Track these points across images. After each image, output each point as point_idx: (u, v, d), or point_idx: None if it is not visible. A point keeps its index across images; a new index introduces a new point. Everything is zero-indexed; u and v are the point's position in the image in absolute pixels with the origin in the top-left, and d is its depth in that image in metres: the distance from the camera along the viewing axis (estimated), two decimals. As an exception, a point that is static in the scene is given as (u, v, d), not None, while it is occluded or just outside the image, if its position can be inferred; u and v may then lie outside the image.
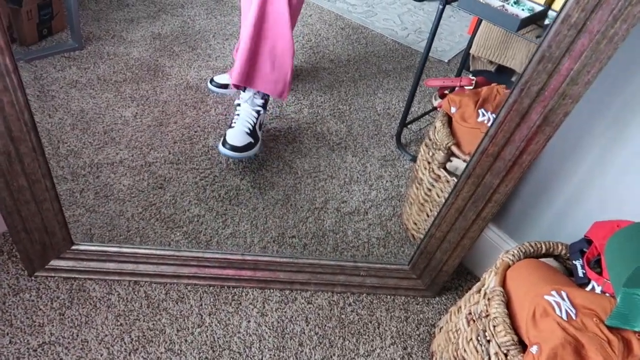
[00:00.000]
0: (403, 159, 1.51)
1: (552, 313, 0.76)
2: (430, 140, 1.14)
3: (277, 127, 1.51)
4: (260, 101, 1.33)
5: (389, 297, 1.12)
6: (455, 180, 1.06)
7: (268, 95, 1.34)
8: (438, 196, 1.11)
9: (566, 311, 0.77)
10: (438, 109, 1.49)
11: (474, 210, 0.91)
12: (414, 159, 1.50)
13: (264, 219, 1.22)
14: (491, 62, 1.53)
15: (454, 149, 1.05)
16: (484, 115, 1.06)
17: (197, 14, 2.03)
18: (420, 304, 1.13)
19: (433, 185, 1.12)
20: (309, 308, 1.07)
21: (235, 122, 1.31)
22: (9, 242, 1.04)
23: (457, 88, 1.51)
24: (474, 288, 0.93)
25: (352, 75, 1.87)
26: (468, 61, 1.62)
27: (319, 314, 1.06)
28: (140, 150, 1.33)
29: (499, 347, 0.79)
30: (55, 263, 0.98)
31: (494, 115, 1.07)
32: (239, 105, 1.33)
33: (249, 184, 1.30)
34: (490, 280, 0.87)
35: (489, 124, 1.05)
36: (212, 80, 1.65)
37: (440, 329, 1.03)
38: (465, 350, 0.88)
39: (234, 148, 1.25)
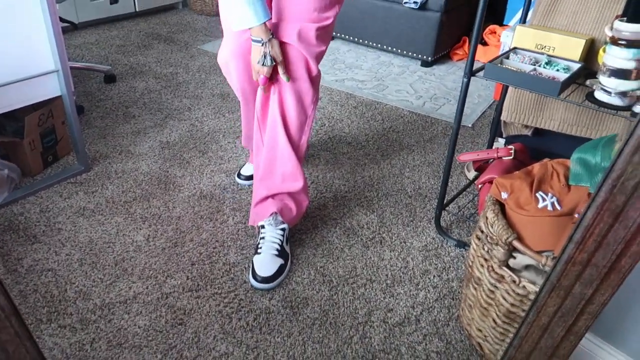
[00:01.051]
0: (447, 245, 1.34)
1: None
2: (482, 232, 0.98)
3: (302, 229, 1.37)
4: (280, 220, 1.23)
5: None
6: (524, 280, 0.89)
7: None
8: (505, 299, 0.93)
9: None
10: (476, 186, 1.34)
11: (562, 326, 0.73)
12: (459, 245, 1.34)
13: (302, 347, 1.04)
14: (526, 126, 1.40)
15: (516, 244, 0.88)
16: (544, 200, 0.90)
17: (204, 114, 1.97)
18: None
19: (496, 287, 0.94)
20: None
21: (261, 248, 1.21)
22: None
23: (494, 160, 1.37)
24: None
25: (373, 156, 1.75)
26: (499, 128, 1.49)
27: None
28: (156, 279, 1.19)
29: None
30: None
31: (555, 199, 0.91)
32: (262, 227, 1.23)
33: (280, 304, 1.14)
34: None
35: (552, 209, 0.89)
36: (239, 175, 1.57)
37: None
38: None
39: (265, 280, 1.16)
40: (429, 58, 2.52)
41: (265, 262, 1.18)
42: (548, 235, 0.88)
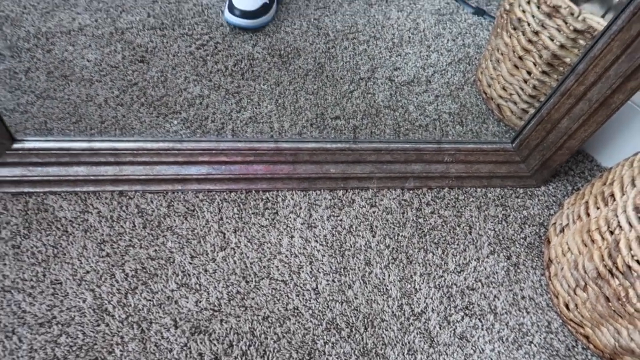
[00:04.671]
0: (463, 12, 1.13)
1: None
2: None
3: (292, -23, 1.11)
4: None
5: (478, 190, 0.81)
6: (586, 12, 0.70)
7: None
8: (552, 40, 0.75)
9: None
10: None
11: (617, 77, 0.57)
12: (478, 12, 1.13)
13: (294, 96, 0.87)
14: None
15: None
16: None
17: None
18: (522, 197, 0.82)
19: (543, 26, 0.76)
20: (374, 212, 0.76)
21: None
22: None
23: None
24: (608, 177, 0.61)
25: None
26: None
27: (387, 220, 0.75)
28: (107, 13, 0.94)
29: None
30: (-5, 172, 0.65)
31: None
32: None
33: (266, 52, 0.93)
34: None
35: None
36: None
37: (562, 229, 0.73)
38: (619, 253, 0.58)
39: (245, 14, 0.91)
40: None
41: None
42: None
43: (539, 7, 0.75)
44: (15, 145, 0.63)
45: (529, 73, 0.81)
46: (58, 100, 0.79)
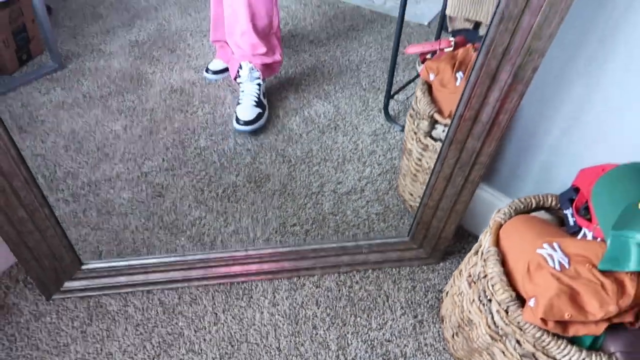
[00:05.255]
0: (393, 130, 1.52)
1: (546, 265, 0.79)
2: (413, 110, 1.15)
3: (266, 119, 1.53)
4: (257, 73, 1.47)
5: (394, 269, 1.15)
6: (442, 147, 1.07)
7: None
8: (428, 165, 1.12)
9: (559, 262, 0.79)
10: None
11: (461, 175, 0.93)
12: (404, 130, 1.51)
13: (264, 212, 1.24)
14: (468, 20, 1.52)
15: (437, 116, 1.06)
16: (462, 78, 1.07)
17: (171, 14, 2.02)
18: (426, 272, 1.16)
19: (422, 155, 1.13)
20: (318, 292, 1.10)
21: (242, 99, 1.45)
22: (23, 271, 1.08)
23: (437, 51, 1.50)
24: (472, 250, 0.95)
25: (333, 53, 1.87)
26: (446, 22, 1.61)
27: (328, 296, 1.10)
28: (135, 161, 1.35)
29: (499, 304, 0.82)
30: (69, 285, 1.02)
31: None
32: (240, 83, 1.48)
33: (245, 179, 1.32)
34: (485, 241, 0.89)
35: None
36: (207, 70, 1.68)
37: (446, 294, 1.06)
38: (469, 312, 0.91)
39: (247, 123, 1.41)
40: (393, -44, 2.53)
41: (246, 110, 1.43)
42: (462, 109, 1.05)
43: (417, 143, 1.13)
44: (83, 267, 1.01)
45: (422, 185, 1.17)
46: (105, 230, 1.18)
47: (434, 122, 1.08)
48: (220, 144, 1.43)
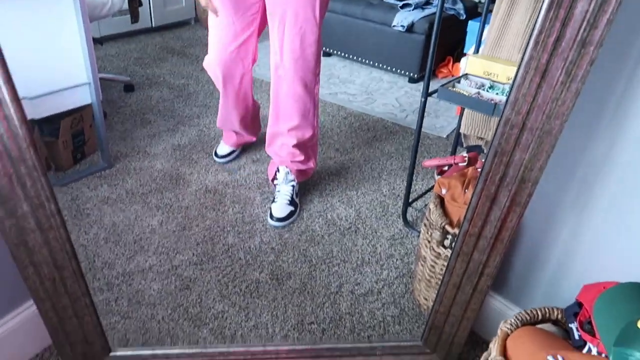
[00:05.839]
0: (411, 236, 1.60)
1: (551, 378, 0.81)
2: (427, 220, 1.24)
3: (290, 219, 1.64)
4: (292, 177, 1.63)
5: (407, 374, 1.16)
6: (453, 255, 1.15)
7: None
8: (441, 271, 1.18)
9: (563, 374, 0.82)
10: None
11: (470, 284, 0.99)
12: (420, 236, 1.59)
13: (284, 309, 1.30)
14: (480, 138, 1.66)
15: (448, 228, 1.14)
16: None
17: (211, 122, 2.24)
18: (439, 379, 1.17)
19: (435, 262, 1.20)
20: (332, 393, 1.12)
21: (277, 199, 1.61)
22: (54, 355, 1.15)
23: (452, 165, 1.62)
24: (482, 359, 0.98)
25: (357, 161, 2.01)
26: (461, 139, 1.75)
27: (341, 398, 1.11)
28: (167, 255, 1.46)
29: (507, 415, 0.84)
30: (95, 371, 1.08)
31: (480, 193, 1.17)
32: (277, 184, 1.64)
33: (268, 276, 1.40)
34: (493, 350, 0.93)
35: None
36: (216, 154, 1.93)
37: (458, 403, 1.07)
38: (480, 422, 0.92)
39: (280, 219, 1.58)
40: (415, 75, 2.79)
41: (280, 208, 1.60)
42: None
43: (430, 251, 1.20)
44: (111, 354, 1.07)
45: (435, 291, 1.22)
46: (133, 319, 1.25)
47: (445, 233, 1.17)
48: (247, 241, 1.53)
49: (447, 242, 1.17)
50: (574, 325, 0.92)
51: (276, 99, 1.56)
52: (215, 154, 1.94)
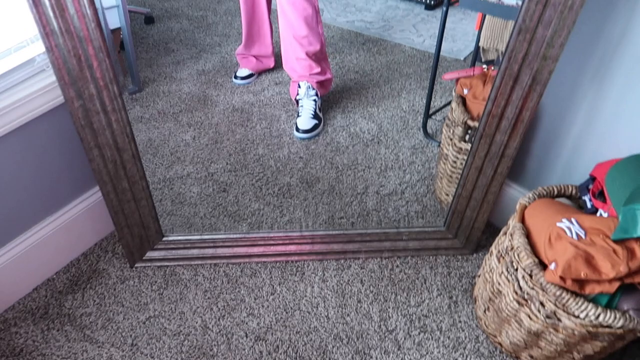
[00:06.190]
0: (432, 146, 1.68)
1: (565, 236, 0.91)
2: (449, 119, 1.31)
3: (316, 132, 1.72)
4: (313, 91, 1.71)
5: (431, 257, 1.28)
6: (475, 147, 1.23)
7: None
8: (462, 166, 1.27)
9: (576, 233, 0.91)
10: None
11: (491, 167, 1.08)
12: (440, 145, 1.67)
13: (315, 207, 1.41)
14: (498, 52, 1.70)
15: (470, 122, 1.22)
16: (491, 89, 1.23)
17: (232, 49, 2.29)
18: (460, 261, 1.28)
19: (457, 157, 1.28)
20: (363, 272, 1.24)
21: (301, 113, 1.69)
22: (111, 243, 1.27)
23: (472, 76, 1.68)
24: (501, 232, 1.08)
25: (376, 81, 2.07)
26: (479, 54, 1.79)
27: (371, 276, 1.23)
28: (203, 164, 1.56)
29: (524, 270, 0.94)
30: (150, 254, 1.20)
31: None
32: (300, 99, 1.72)
33: (298, 181, 1.50)
34: (511, 220, 1.03)
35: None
36: (235, 77, 2.01)
37: (478, 276, 1.18)
38: (499, 283, 1.03)
39: (305, 131, 1.65)
40: (432, 1, 2.78)
41: (305, 121, 1.66)
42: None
43: (452, 147, 1.28)
44: (164, 239, 1.19)
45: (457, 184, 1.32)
46: (178, 216, 1.37)
47: (467, 129, 1.24)
48: (276, 152, 1.62)
49: (467, 138, 1.25)
50: (587, 197, 1.01)
51: (282, 9, 1.64)
52: (235, 76, 2.01)
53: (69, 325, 1.13)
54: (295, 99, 1.77)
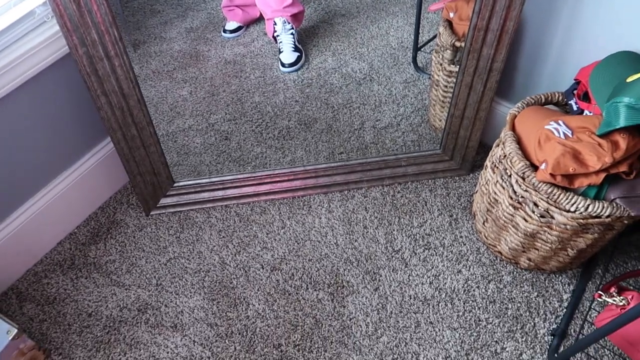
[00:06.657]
0: (423, 78, 1.71)
1: (553, 137, 0.96)
2: (438, 45, 1.34)
3: (309, 77, 1.75)
4: (289, 25, 1.75)
5: (430, 180, 1.34)
6: (464, 69, 1.26)
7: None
8: (454, 90, 1.31)
9: (564, 133, 0.96)
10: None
11: (480, 82, 1.12)
12: (431, 78, 1.71)
13: (315, 145, 1.46)
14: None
15: (457, 43, 1.25)
16: (476, 10, 1.25)
17: (217, 4, 2.29)
18: (458, 182, 1.34)
19: (448, 82, 1.32)
20: (366, 200, 1.30)
21: (282, 48, 1.74)
22: (125, 195, 1.33)
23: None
24: (494, 145, 1.14)
25: (364, 22, 2.08)
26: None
27: (374, 204, 1.30)
28: (202, 116, 1.60)
29: (517, 174, 1.00)
30: (163, 201, 1.26)
31: (485, 8, 1.25)
32: (278, 35, 1.76)
33: (296, 123, 1.54)
34: (503, 132, 1.08)
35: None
36: (224, 30, 2.01)
37: (476, 192, 1.24)
38: (495, 193, 1.09)
39: (291, 64, 1.70)
40: (413, -61, 2.74)
41: (288, 55, 1.71)
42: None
43: (443, 72, 1.32)
44: (175, 185, 1.25)
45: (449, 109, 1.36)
46: (184, 166, 1.42)
47: (455, 51, 1.27)
48: (272, 98, 1.66)
49: (456, 61, 1.28)
50: (572, 101, 1.06)
51: None
52: (224, 30, 2.02)
53: (96, 272, 1.20)
54: (273, 36, 1.80)
